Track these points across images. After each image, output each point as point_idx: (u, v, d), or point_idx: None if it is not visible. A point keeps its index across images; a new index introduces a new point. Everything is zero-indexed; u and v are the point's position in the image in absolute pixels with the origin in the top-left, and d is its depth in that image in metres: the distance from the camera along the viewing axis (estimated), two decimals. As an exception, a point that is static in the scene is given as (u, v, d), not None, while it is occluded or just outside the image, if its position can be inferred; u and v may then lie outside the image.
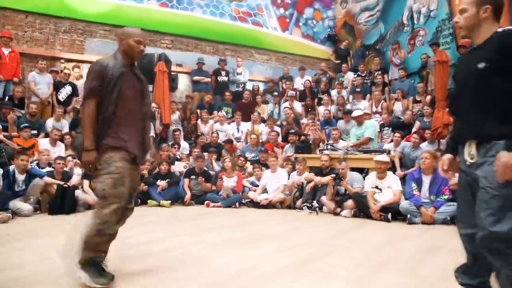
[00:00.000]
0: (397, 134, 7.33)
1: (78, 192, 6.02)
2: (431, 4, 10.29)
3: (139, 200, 6.83)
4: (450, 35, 9.74)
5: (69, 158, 6.82)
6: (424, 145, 6.94)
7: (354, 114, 7.69)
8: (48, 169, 6.31)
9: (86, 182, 6.34)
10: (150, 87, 8.87)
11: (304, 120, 9.31)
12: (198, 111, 9.50)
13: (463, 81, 2.09)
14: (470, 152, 1.98)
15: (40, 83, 8.06)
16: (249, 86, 10.72)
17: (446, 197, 5.31)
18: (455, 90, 2.29)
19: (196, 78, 10.19)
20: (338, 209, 5.92)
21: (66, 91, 8.27)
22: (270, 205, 6.63)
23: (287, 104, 9.69)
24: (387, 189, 5.69)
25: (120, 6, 9.90)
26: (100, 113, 2.52)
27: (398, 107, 8.80)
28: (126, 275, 2.77)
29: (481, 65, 1.90)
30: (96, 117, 2.51)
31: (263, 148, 8.10)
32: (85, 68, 9.22)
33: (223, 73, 10.39)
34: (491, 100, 1.90)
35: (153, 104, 8.40)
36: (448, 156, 2.19)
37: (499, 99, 1.87)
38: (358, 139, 7.41)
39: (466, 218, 2.05)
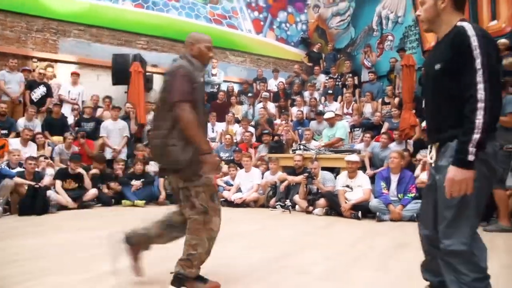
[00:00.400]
0: (367, 135, 7.55)
1: (50, 193, 5.95)
2: (398, 10, 10.71)
3: (112, 200, 6.81)
4: (416, 40, 10.18)
5: (41, 158, 6.73)
6: (393, 145, 7.13)
7: (326, 116, 7.90)
8: (19, 169, 6.20)
9: (58, 183, 6.27)
10: (125, 87, 8.86)
11: (277, 121, 9.48)
12: (173, 111, 9.50)
13: (425, 83, 2.02)
14: (431, 154, 1.95)
15: (11, 81, 7.89)
16: (223, 87, 10.79)
17: (412, 195, 5.50)
18: (422, 92, 2.26)
19: (171, 78, 10.18)
20: (311, 208, 6.04)
21: (40, 91, 8.12)
22: (244, 204, 6.73)
23: (261, 105, 9.84)
24: (357, 187, 5.83)
25: (95, 6, 9.78)
26: None
27: (368, 108, 9.10)
28: (98, 275, 2.78)
29: (437, 66, 1.83)
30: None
31: (237, 148, 8.20)
32: (58, 68, 9.10)
33: (198, 74, 10.41)
34: (445, 103, 1.82)
35: (128, 104, 8.38)
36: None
37: (451, 102, 1.77)
38: (329, 140, 7.63)
39: (426, 220, 2.00)
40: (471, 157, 1.60)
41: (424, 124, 7.32)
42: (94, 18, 9.70)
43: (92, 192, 6.54)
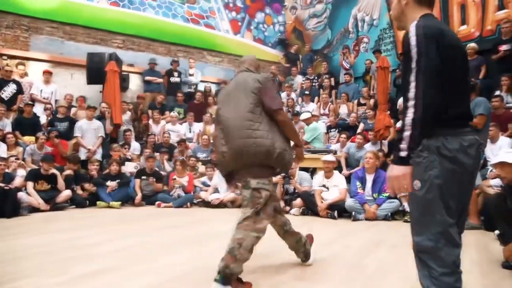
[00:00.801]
0: (343, 136, 7.66)
1: (21, 195, 5.79)
2: (373, 13, 10.93)
3: (87, 202, 6.68)
4: (391, 43, 10.40)
5: (12, 159, 6.54)
6: (368, 146, 7.28)
7: (302, 117, 7.97)
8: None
9: (30, 184, 6.11)
10: (100, 87, 8.71)
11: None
12: (150, 111, 9.43)
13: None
14: None
15: (-22, 79, 7.64)
16: (201, 87, 10.76)
17: (387, 194, 5.60)
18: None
19: (148, 78, 10.09)
20: (287, 208, 6.10)
21: (10, 89, 7.87)
22: (221, 205, 6.72)
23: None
24: (333, 187, 5.91)
25: (68, 3, 9.56)
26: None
27: (343, 109, 9.23)
28: (72, 278, 2.74)
29: (398, 70, 1.94)
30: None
31: (214, 149, 8.18)
32: (30, 66, 8.85)
33: (176, 74, 10.36)
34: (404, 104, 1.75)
35: (103, 104, 8.24)
36: None
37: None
38: (308, 138, 7.68)
39: None
40: (402, 153, 1.63)
41: (398, 124, 7.51)
42: (67, 16, 9.48)
43: (66, 193, 6.38)
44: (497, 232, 3.71)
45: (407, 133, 1.63)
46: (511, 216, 3.04)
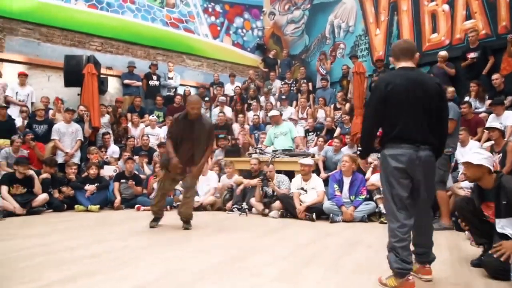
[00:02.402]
0: (320, 139, 7.80)
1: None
2: (349, 20, 11.21)
3: (65, 206, 6.59)
4: (366, 49, 10.69)
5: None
6: (345, 149, 7.40)
7: (271, 113, 7.82)
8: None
9: (4, 188, 5.98)
10: (78, 90, 8.61)
11: (234, 125, 9.58)
12: (129, 114, 9.37)
13: None
14: None
15: None
16: (180, 90, 10.76)
17: (363, 197, 5.75)
18: None
19: (126, 81, 10.03)
20: (266, 210, 6.16)
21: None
22: (201, 207, 6.72)
23: (218, 109, 9.90)
24: (311, 190, 5.99)
25: (45, 4, 9.41)
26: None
27: (321, 114, 9.42)
28: (46, 284, 2.69)
29: None
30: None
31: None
32: (5, 67, 8.67)
33: (155, 77, 10.34)
34: None
35: (81, 107, 8.15)
36: None
37: None
38: (273, 138, 7.50)
39: None
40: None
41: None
42: (44, 17, 9.33)
43: (42, 197, 6.26)
44: (467, 232, 3.88)
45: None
46: (475, 216, 3.21)
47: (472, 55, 7.84)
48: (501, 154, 5.48)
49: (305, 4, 12.68)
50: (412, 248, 2.75)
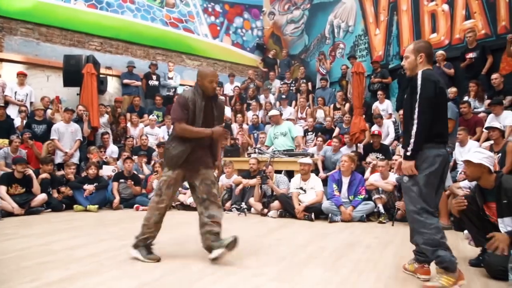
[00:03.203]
0: (319, 139, 7.80)
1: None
2: (349, 20, 11.21)
3: (63, 205, 6.59)
4: (366, 49, 10.69)
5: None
6: (344, 149, 7.42)
7: (271, 113, 7.79)
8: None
9: (3, 188, 5.98)
10: (77, 89, 8.61)
11: (233, 125, 9.59)
12: (128, 114, 9.37)
13: None
14: None
15: None
16: (180, 90, 10.75)
17: (362, 196, 5.75)
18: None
19: (126, 81, 10.04)
20: (265, 210, 6.16)
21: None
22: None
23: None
24: (310, 190, 5.99)
25: (44, 4, 9.41)
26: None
27: (320, 113, 9.42)
28: (46, 283, 2.70)
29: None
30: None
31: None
32: (4, 67, 8.67)
33: (154, 77, 10.35)
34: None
35: (80, 107, 8.16)
36: None
37: None
38: (273, 138, 7.46)
39: None
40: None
41: (373, 128, 7.72)
42: (43, 17, 9.33)
43: (41, 197, 6.26)
44: (466, 232, 3.88)
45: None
46: (477, 217, 3.20)
47: (470, 55, 7.84)
48: (500, 154, 5.49)
49: (304, 4, 12.68)
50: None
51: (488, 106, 6.77)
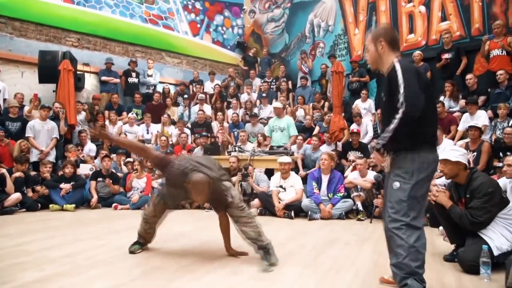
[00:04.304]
0: (299, 137, 7.87)
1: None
2: (329, 19, 11.31)
3: (39, 205, 6.43)
4: (345, 48, 10.81)
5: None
6: (323, 147, 7.51)
7: (274, 105, 7.91)
8: None
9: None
10: (53, 86, 8.41)
11: (214, 123, 9.55)
12: (106, 112, 9.23)
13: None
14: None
15: None
16: (159, 88, 10.66)
17: (341, 194, 5.81)
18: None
19: (104, 78, 9.86)
20: (246, 208, 6.20)
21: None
22: (179, 206, 6.69)
23: (197, 107, 9.84)
24: (290, 188, 6.03)
25: (17, -3, 9.15)
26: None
27: (300, 112, 9.48)
28: (19, 285, 2.64)
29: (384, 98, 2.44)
30: None
31: (172, 150, 8.13)
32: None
33: (133, 74, 10.20)
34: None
35: (57, 104, 7.98)
36: None
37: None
38: (277, 131, 7.67)
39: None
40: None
41: (352, 127, 7.81)
42: (17, 11, 9.04)
43: (15, 196, 6.10)
44: (441, 228, 3.97)
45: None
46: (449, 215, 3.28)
47: (446, 55, 8.03)
48: (475, 153, 5.64)
49: (285, 2, 12.71)
50: None
51: (464, 105, 6.95)
